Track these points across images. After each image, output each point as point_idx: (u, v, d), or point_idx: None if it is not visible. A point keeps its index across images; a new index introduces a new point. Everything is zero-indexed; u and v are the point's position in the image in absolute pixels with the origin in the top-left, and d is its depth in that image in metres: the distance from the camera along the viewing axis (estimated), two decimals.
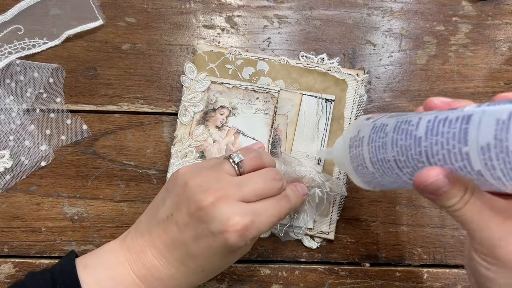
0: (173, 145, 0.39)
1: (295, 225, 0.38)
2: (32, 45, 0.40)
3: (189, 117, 0.39)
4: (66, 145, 0.40)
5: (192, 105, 0.39)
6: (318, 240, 0.39)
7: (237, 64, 0.40)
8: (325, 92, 0.40)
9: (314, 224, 0.39)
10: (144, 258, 0.29)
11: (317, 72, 0.40)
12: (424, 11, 0.42)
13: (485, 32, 0.42)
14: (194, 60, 0.40)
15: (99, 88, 0.40)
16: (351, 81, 0.40)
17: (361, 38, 0.41)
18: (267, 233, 0.39)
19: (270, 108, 0.39)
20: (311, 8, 0.42)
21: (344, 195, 0.39)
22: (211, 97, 0.39)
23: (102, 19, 0.41)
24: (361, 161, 0.29)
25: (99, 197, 0.39)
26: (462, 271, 0.39)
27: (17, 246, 0.39)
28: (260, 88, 0.39)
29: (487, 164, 0.21)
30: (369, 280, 0.39)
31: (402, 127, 0.26)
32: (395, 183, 0.28)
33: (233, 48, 0.40)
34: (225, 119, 0.39)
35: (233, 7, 0.42)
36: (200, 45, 0.40)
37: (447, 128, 0.22)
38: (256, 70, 0.40)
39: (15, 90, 0.40)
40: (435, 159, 0.23)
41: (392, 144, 0.26)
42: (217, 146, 0.39)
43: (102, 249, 0.32)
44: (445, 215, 0.39)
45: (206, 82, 0.39)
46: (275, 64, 0.40)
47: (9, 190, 0.39)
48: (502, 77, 0.41)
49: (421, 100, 0.41)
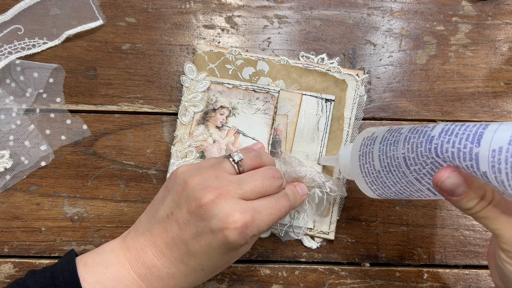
0: (173, 145, 0.39)
1: (295, 225, 0.38)
2: (32, 45, 0.40)
3: (189, 117, 0.39)
4: (66, 145, 0.40)
5: (192, 105, 0.39)
6: (318, 240, 0.39)
7: (237, 64, 0.40)
8: (325, 92, 0.40)
9: (314, 224, 0.39)
10: (144, 257, 0.30)
11: (317, 72, 0.40)
12: (424, 11, 0.42)
13: (485, 32, 0.42)
14: (194, 60, 0.40)
15: (99, 88, 0.40)
16: (351, 81, 0.40)
17: (361, 38, 0.41)
18: (267, 232, 0.39)
19: (270, 108, 0.39)
20: (311, 8, 0.42)
21: (344, 196, 0.39)
22: (211, 97, 0.39)
23: (102, 19, 0.41)
24: (369, 159, 0.29)
25: (99, 197, 0.39)
26: (462, 271, 0.39)
27: (17, 246, 0.39)
28: (260, 88, 0.39)
29: (494, 167, 0.22)
30: (369, 280, 0.39)
31: (418, 128, 0.26)
32: (398, 184, 0.28)
33: (233, 48, 0.40)
34: (225, 119, 0.39)
35: (233, 7, 0.42)
36: (200, 45, 0.40)
37: (462, 130, 0.23)
38: (256, 70, 0.40)
39: (15, 90, 0.40)
40: (444, 156, 0.24)
41: (404, 142, 0.26)
42: (217, 146, 0.39)
43: (102, 248, 0.32)
44: (445, 215, 0.39)
45: (206, 82, 0.39)
46: (275, 64, 0.40)
47: (9, 190, 0.39)
48: (502, 77, 0.41)
49: (421, 100, 0.41)
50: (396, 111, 0.41)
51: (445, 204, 0.40)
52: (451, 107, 0.41)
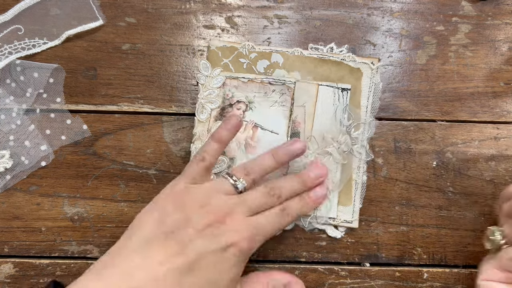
0: (192, 143, 0.39)
1: (318, 215, 0.38)
2: (32, 45, 0.40)
3: (206, 114, 0.39)
4: (66, 145, 0.40)
5: (208, 102, 0.39)
6: (341, 229, 0.39)
7: (251, 58, 0.40)
8: (341, 81, 0.40)
9: (337, 214, 0.39)
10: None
11: (331, 62, 0.40)
12: (424, 11, 0.42)
13: (485, 32, 0.42)
14: (208, 57, 0.40)
15: (99, 88, 0.40)
16: (366, 69, 0.40)
17: (361, 38, 0.41)
18: (291, 224, 0.39)
19: (287, 100, 0.39)
20: (311, 8, 0.42)
21: (370, 158, 0.39)
22: (227, 93, 0.39)
23: (102, 19, 0.41)
24: None
25: (99, 197, 0.39)
26: (462, 271, 0.39)
27: (17, 246, 0.39)
28: (275, 80, 0.39)
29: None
30: (369, 280, 0.39)
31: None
32: None
33: (246, 42, 0.40)
34: (242, 113, 0.39)
35: (233, 7, 0.42)
36: (213, 41, 0.40)
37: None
38: (271, 62, 0.40)
39: (15, 90, 0.40)
40: None
41: None
42: (236, 141, 0.39)
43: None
44: (445, 215, 0.40)
45: (221, 77, 0.39)
46: (289, 56, 0.40)
47: (9, 190, 0.39)
48: (502, 77, 0.41)
49: (421, 100, 0.41)
50: (396, 111, 0.41)
51: (445, 204, 0.40)
52: (451, 107, 0.41)
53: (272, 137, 0.39)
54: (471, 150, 0.40)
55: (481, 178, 0.40)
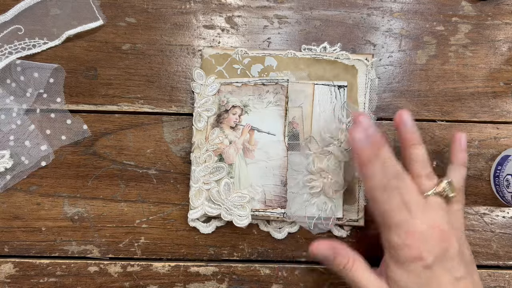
0: (192, 151, 0.39)
1: (324, 217, 0.38)
2: (32, 45, 0.40)
3: (203, 122, 0.39)
4: (66, 145, 0.40)
5: (205, 110, 0.39)
6: (347, 228, 0.39)
7: (245, 63, 0.40)
8: (336, 79, 0.40)
9: (343, 214, 0.39)
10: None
11: (325, 61, 0.40)
12: (424, 11, 0.42)
13: (485, 32, 0.42)
14: (202, 65, 0.40)
15: (99, 88, 0.40)
16: (361, 66, 0.40)
17: (361, 38, 0.42)
18: (295, 226, 0.39)
19: (281, 98, 0.39)
20: (311, 8, 0.42)
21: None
22: (222, 99, 0.39)
23: (102, 19, 0.41)
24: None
25: (99, 197, 0.39)
26: None
27: (17, 246, 0.39)
28: (268, 81, 0.39)
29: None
30: None
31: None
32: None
33: (239, 48, 0.40)
34: (238, 118, 0.39)
35: (233, 7, 0.42)
36: (206, 49, 0.40)
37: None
38: (265, 66, 0.40)
39: (16, 90, 0.40)
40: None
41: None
42: (233, 146, 0.39)
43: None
44: None
45: (216, 84, 0.39)
46: (283, 58, 0.40)
47: (9, 190, 0.39)
48: (502, 77, 0.41)
49: (420, 100, 0.41)
50: (396, 111, 0.40)
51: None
52: (450, 107, 0.41)
53: (269, 139, 0.39)
54: (471, 150, 0.40)
55: (481, 178, 0.40)
